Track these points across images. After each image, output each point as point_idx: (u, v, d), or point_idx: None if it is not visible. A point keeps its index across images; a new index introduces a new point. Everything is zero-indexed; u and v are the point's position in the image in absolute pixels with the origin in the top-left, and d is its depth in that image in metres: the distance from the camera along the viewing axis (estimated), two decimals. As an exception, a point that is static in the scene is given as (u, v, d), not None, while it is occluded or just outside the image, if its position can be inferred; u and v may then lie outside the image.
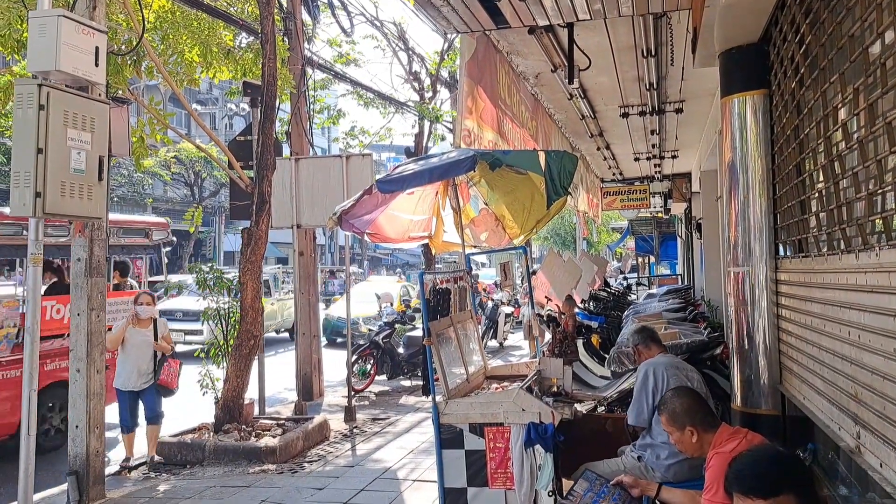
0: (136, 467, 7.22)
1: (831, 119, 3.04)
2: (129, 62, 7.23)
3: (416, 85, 15.17)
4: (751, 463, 2.42)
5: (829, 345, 3.07)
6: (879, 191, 2.46)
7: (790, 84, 3.78)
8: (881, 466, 2.41)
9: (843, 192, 2.93)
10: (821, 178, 3.28)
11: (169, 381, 7.26)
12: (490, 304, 16.37)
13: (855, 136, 2.73)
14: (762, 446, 2.88)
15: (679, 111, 9.14)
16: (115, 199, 32.43)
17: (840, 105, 2.89)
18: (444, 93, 15.75)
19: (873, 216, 2.53)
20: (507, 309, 16.55)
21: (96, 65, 5.05)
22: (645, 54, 6.83)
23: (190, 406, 9.21)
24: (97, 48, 5.05)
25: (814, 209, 3.46)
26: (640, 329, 4.82)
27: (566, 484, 4.53)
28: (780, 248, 4.32)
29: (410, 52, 14.98)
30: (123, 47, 7.35)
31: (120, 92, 7.41)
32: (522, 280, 13.11)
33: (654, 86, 7.90)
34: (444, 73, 15.33)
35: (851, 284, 2.73)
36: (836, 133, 2.97)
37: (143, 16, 6.66)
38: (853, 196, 2.76)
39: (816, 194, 3.38)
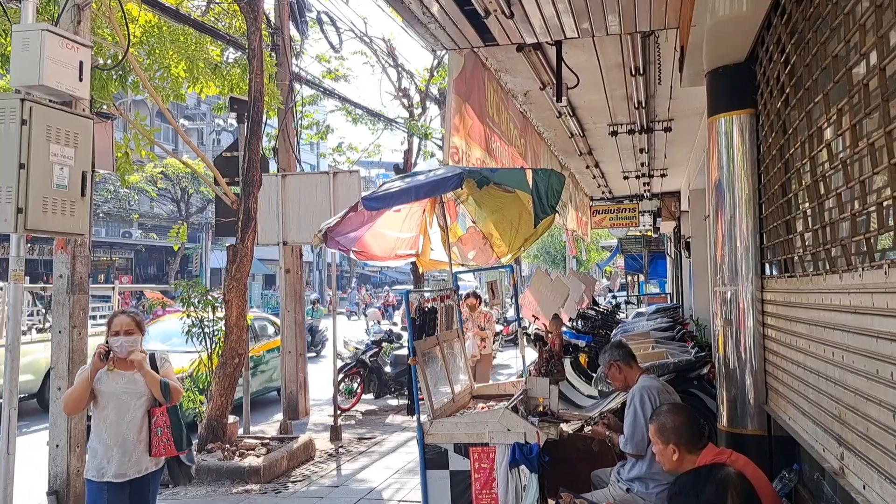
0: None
1: (816, 139, 3.05)
2: (114, 77, 7.20)
3: (405, 101, 15.21)
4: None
5: (814, 365, 3.05)
6: (863, 211, 2.46)
7: (776, 104, 3.79)
8: (864, 489, 2.38)
9: (827, 213, 2.93)
10: (806, 198, 3.28)
11: (163, 451, 4.11)
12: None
13: (839, 156, 2.73)
14: (708, 466, 2.87)
15: (668, 130, 9.19)
16: (101, 214, 32.29)
17: (825, 125, 2.89)
18: (433, 109, 15.80)
19: (857, 237, 2.52)
20: (497, 327, 16.50)
21: (80, 79, 5.01)
22: (633, 73, 6.87)
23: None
24: (81, 63, 5.00)
25: (799, 229, 3.46)
26: (618, 345, 4.59)
27: (551, 505, 4.48)
28: (767, 268, 4.31)
29: (400, 69, 15.04)
30: (109, 62, 7.33)
31: (105, 107, 7.37)
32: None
33: (643, 104, 7.95)
34: (434, 90, 15.38)
35: (836, 305, 2.72)
36: (820, 153, 2.98)
37: (128, 30, 6.64)
38: (837, 216, 2.76)
39: (801, 214, 3.37)
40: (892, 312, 2.14)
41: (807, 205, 3.24)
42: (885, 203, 2.25)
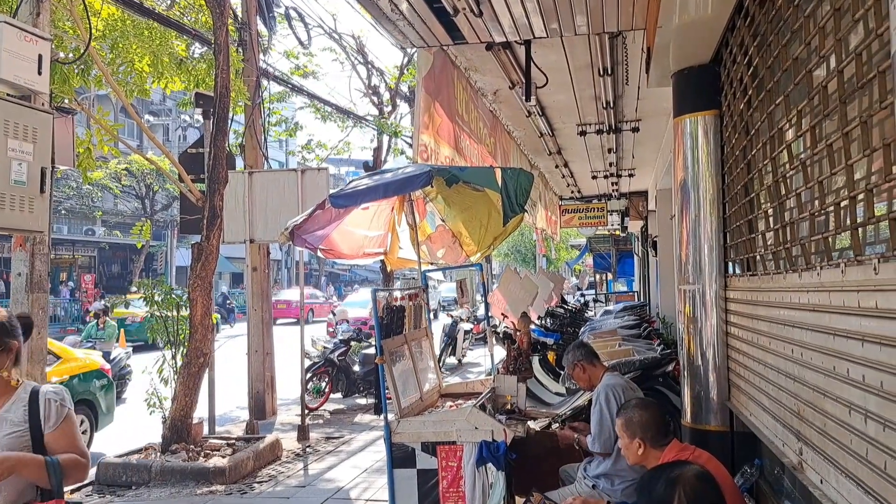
0: (78, 489, 6.96)
1: (777, 140, 3.09)
2: (76, 71, 7.05)
3: (375, 99, 15.15)
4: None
5: (774, 362, 3.10)
6: (822, 211, 2.50)
7: (739, 105, 3.84)
8: (821, 483, 2.42)
9: (787, 213, 2.97)
10: (767, 198, 3.33)
11: None
12: (450, 320, 16.33)
13: (799, 157, 2.78)
14: (668, 464, 2.90)
15: (635, 130, 9.28)
16: (63, 211, 31.65)
17: (785, 127, 2.93)
18: (403, 107, 15.77)
19: (815, 236, 2.57)
20: (466, 326, 16.53)
21: (39, 73, 4.89)
22: (601, 73, 6.93)
23: (136, 425, 8.96)
24: (40, 56, 4.89)
25: (761, 228, 3.51)
26: (580, 345, 4.63)
27: (518, 502, 4.49)
28: (730, 267, 4.37)
29: (369, 66, 14.98)
30: (70, 55, 7.17)
31: (66, 101, 7.22)
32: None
33: (611, 104, 8.01)
34: (404, 88, 15.35)
35: (795, 303, 2.76)
36: (781, 154, 3.02)
37: (90, 23, 6.51)
38: (797, 216, 2.80)
39: (763, 214, 3.43)
40: (848, 310, 2.18)
41: (768, 205, 3.30)
42: (842, 203, 2.29)
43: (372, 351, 11.17)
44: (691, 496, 2.37)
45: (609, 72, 6.86)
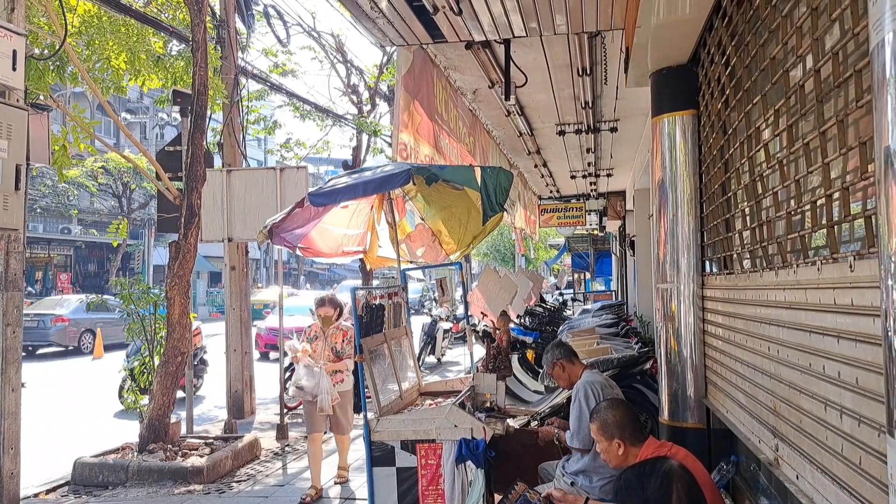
0: (54, 489, 6.86)
1: (754, 140, 3.13)
2: (51, 67, 6.94)
3: (354, 98, 15.09)
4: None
5: (751, 359, 3.14)
6: (798, 210, 2.53)
7: (716, 105, 3.88)
8: (797, 478, 2.45)
9: (764, 212, 3.01)
10: (744, 198, 3.37)
11: None
12: (429, 319, 16.33)
13: (776, 156, 2.81)
14: (651, 460, 2.92)
15: (614, 130, 9.33)
16: (38, 209, 31.19)
17: (762, 126, 2.97)
18: (383, 106, 15.72)
19: (792, 235, 2.60)
20: (446, 325, 16.53)
21: (14, 69, 4.81)
22: (580, 73, 6.96)
23: (113, 424, 8.85)
24: (15, 52, 4.81)
25: (738, 227, 3.55)
26: (559, 344, 4.65)
27: (497, 499, 4.50)
28: (707, 265, 4.42)
29: (349, 65, 14.91)
30: (46, 52, 7.06)
31: (42, 98, 7.11)
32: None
33: (590, 104, 8.05)
34: (384, 87, 15.31)
35: (771, 301, 2.79)
36: (758, 153, 3.06)
37: (65, 19, 6.41)
38: (774, 215, 2.83)
39: (740, 213, 3.46)
40: (823, 307, 2.21)
41: (745, 204, 3.33)
42: (818, 202, 2.32)
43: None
44: (688, 491, 2.40)
45: (588, 71, 6.89)
